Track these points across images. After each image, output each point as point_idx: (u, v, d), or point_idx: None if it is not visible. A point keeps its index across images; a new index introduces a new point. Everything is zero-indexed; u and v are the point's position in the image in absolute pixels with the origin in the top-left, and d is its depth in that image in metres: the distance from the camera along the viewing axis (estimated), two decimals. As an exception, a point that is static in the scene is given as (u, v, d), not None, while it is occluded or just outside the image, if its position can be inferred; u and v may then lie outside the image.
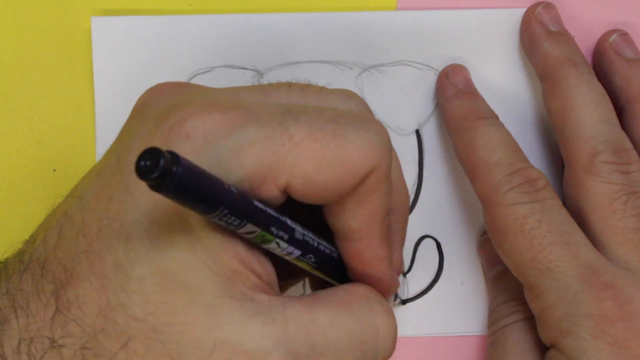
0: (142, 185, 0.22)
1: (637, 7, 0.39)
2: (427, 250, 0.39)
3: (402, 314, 0.39)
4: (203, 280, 0.25)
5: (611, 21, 0.39)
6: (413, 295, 0.40)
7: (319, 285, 0.32)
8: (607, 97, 0.36)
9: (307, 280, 0.35)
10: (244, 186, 0.26)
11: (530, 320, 0.36)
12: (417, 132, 0.39)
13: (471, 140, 0.36)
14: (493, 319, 0.38)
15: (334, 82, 0.38)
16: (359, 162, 0.26)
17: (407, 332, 0.40)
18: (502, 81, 0.39)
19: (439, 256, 0.40)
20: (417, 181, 0.39)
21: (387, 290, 0.30)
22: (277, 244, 0.27)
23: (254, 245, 0.27)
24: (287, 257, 0.28)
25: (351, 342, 0.27)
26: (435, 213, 0.39)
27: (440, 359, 0.40)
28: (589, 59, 0.39)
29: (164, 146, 0.25)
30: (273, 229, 0.26)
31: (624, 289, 0.32)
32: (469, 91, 0.38)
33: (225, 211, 0.24)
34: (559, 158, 0.37)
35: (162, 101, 0.28)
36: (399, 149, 0.38)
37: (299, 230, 0.28)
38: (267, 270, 0.27)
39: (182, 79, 0.37)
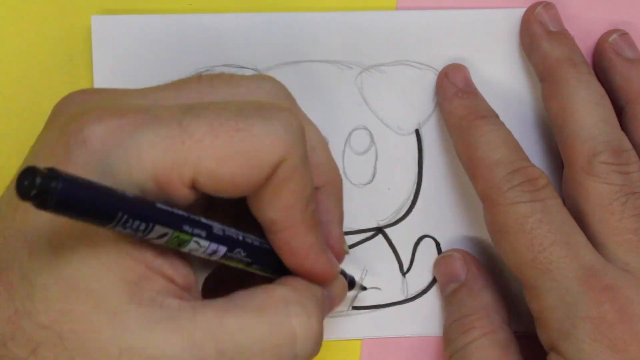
0: None
1: (637, 7, 0.39)
2: (427, 250, 0.39)
3: (402, 313, 0.39)
4: (107, 286, 0.25)
5: (611, 21, 0.39)
6: (413, 295, 0.40)
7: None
8: (606, 97, 0.36)
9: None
10: (149, 188, 0.25)
11: (489, 336, 0.35)
12: (417, 132, 0.39)
13: (471, 139, 0.36)
14: (448, 339, 0.37)
15: (334, 82, 0.38)
16: (265, 154, 0.26)
17: (407, 332, 0.40)
18: (502, 81, 0.39)
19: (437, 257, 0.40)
20: (417, 181, 0.39)
21: (324, 279, 0.30)
22: (197, 243, 0.26)
23: (165, 249, 0.26)
24: (215, 258, 0.28)
25: (264, 347, 0.27)
26: (435, 213, 0.39)
27: (440, 359, 0.40)
28: (588, 58, 0.39)
29: (63, 154, 0.26)
30: (186, 227, 0.26)
31: (623, 291, 0.32)
32: (469, 90, 0.38)
33: (125, 217, 0.24)
34: (559, 157, 0.37)
35: (70, 109, 0.28)
36: (399, 149, 0.38)
37: (217, 226, 0.27)
38: (182, 273, 0.27)
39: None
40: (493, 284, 0.38)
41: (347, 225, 0.39)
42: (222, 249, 0.27)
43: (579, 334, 0.32)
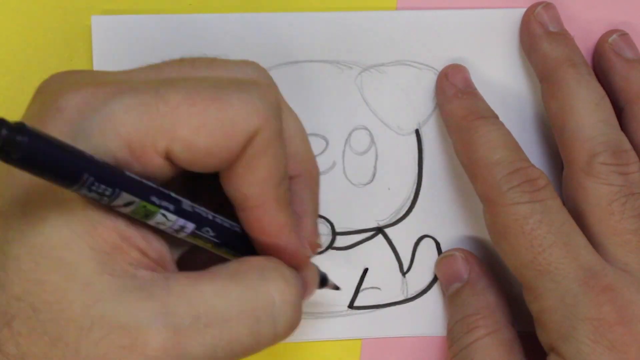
0: None
1: (637, 7, 0.39)
2: (427, 250, 0.39)
3: (402, 313, 0.39)
4: (80, 256, 0.25)
5: (611, 21, 0.39)
6: (413, 295, 0.40)
7: None
8: (606, 97, 0.36)
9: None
10: (123, 155, 0.25)
11: (493, 335, 0.35)
12: (417, 132, 0.39)
13: (471, 139, 0.35)
14: (452, 339, 0.37)
15: (334, 82, 0.38)
16: (241, 124, 0.26)
17: (407, 332, 0.40)
18: (502, 81, 0.39)
19: (438, 256, 0.40)
20: (416, 181, 0.39)
21: (295, 261, 0.30)
22: (164, 216, 0.26)
23: (138, 221, 0.26)
24: (182, 235, 0.27)
25: (240, 310, 0.27)
26: (435, 213, 0.39)
27: (440, 359, 0.40)
28: (588, 59, 0.39)
29: (38, 122, 0.26)
30: (154, 199, 0.26)
31: (622, 292, 0.32)
32: (469, 91, 0.37)
33: (91, 179, 0.23)
34: (559, 158, 0.37)
35: (51, 86, 0.28)
36: (399, 149, 0.38)
37: (186, 202, 0.27)
38: (154, 246, 0.27)
39: (182, 78, 0.37)
40: (496, 283, 0.38)
41: (347, 225, 0.39)
42: (190, 226, 0.27)
43: (579, 335, 0.32)
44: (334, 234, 0.39)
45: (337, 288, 0.37)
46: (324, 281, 0.36)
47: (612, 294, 0.32)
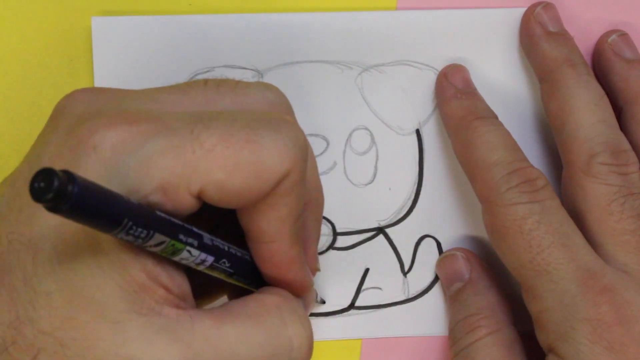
0: None
1: (637, 7, 0.39)
2: (428, 250, 0.39)
3: (402, 313, 0.39)
4: (109, 295, 0.25)
5: (611, 21, 0.39)
6: (414, 295, 0.40)
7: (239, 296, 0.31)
8: (605, 98, 0.36)
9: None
10: (157, 197, 0.25)
11: (494, 335, 0.35)
12: (417, 132, 0.39)
13: (470, 140, 0.35)
14: (454, 338, 0.37)
15: (334, 83, 0.38)
16: (273, 167, 0.26)
17: (408, 331, 0.40)
18: (502, 81, 0.39)
19: (439, 256, 0.40)
20: (417, 181, 0.39)
21: (301, 291, 0.30)
22: (189, 252, 0.26)
23: (163, 258, 0.26)
24: (201, 268, 0.28)
25: (262, 355, 0.27)
26: (435, 213, 0.39)
27: (441, 359, 0.40)
28: (588, 59, 0.39)
29: (71, 158, 0.25)
30: (181, 237, 0.26)
31: (621, 292, 0.32)
32: (468, 91, 0.37)
33: (130, 223, 0.24)
34: (558, 158, 0.37)
35: (76, 109, 0.27)
36: (400, 149, 0.38)
37: (206, 236, 0.27)
38: (177, 283, 0.27)
39: (182, 79, 0.37)
40: (497, 282, 0.38)
41: (348, 225, 0.39)
42: (210, 259, 0.27)
43: (577, 336, 0.32)
44: (335, 234, 0.39)
45: (323, 302, 0.38)
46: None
47: (611, 295, 0.32)
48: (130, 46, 0.37)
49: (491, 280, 0.38)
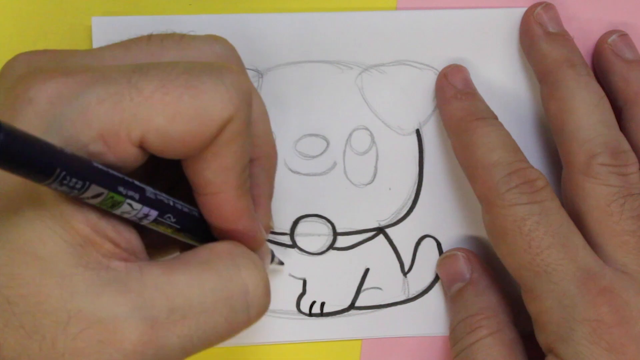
0: None
1: (637, 7, 0.39)
2: (428, 250, 0.39)
3: (402, 313, 0.39)
4: (54, 249, 0.25)
5: (611, 22, 0.39)
6: (414, 295, 0.40)
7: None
8: (605, 98, 0.36)
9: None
10: (96, 147, 0.25)
11: (495, 335, 0.35)
12: (418, 132, 0.39)
13: (469, 141, 0.35)
14: (455, 338, 0.37)
15: (335, 82, 0.38)
16: (215, 112, 0.26)
17: (408, 332, 0.40)
18: (502, 81, 0.39)
19: (439, 256, 0.40)
20: (417, 181, 0.39)
21: (252, 245, 0.30)
22: (130, 205, 0.26)
23: (108, 213, 0.26)
24: (145, 222, 0.27)
25: (216, 299, 0.27)
26: (435, 213, 0.39)
27: (440, 359, 0.40)
28: (588, 59, 0.39)
29: (9, 115, 0.25)
30: (121, 189, 0.26)
31: (620, 293, 0.32)
32: (467, 92, 0.37)
33: (64, 173, 0.23)
34: (558, 158, 0.37)
35: (18, 70, 0.27)
36: (399, 148, 0.38)
37: (149, 189, 0.27)
38: (126, 237, 0.27)
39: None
40: (498, 282, 0.38)
41: (348, 225, 0.39)
42: (154, 213, 0.27)
43: (577, 337, 0.32)
44: (335, 234, 0.39)
45: (281, 263, 0.38)
46: (271, 258, 0.36)
47: (610, 295, 0.32)
48: (131, 46, 0.37)
49: (492, 280, 0.38)
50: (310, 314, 0.39)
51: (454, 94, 0.37)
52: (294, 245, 0.39)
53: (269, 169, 0.32)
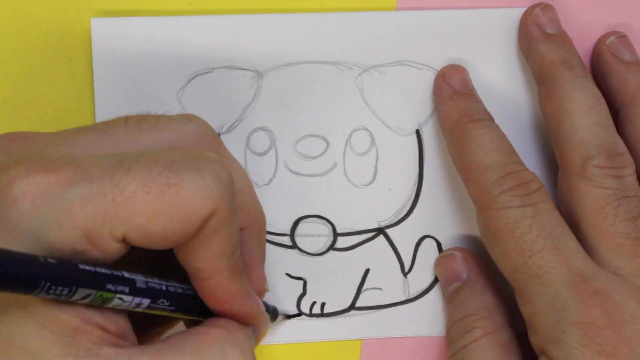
0: None
1: (635, 9, 0.39)
2: (428, 250, 0.39)
3: (403, 314, 0.39)
4: (43, 342, 0.25)
5: (609, 23, 0.39)
6: (414, 295, 0.40)
7: (193, 324, 0.31)
8: (602, 100, 0.36)
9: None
10: (81, 245, 0.25)
11: (490, 336, 0.35)
12: (417, 132, 0.39)
13: (464, 142, 0.35)
14: (450, 338, 0.37)
15: (334, 83, 0.38)
16: (196, 209, 0.26)
17: (408, 332, 0.40)
18: (501, 81, 0.39)
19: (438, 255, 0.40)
20: (417, 181, 0.39)
21: (249, 320, 0.30)
22: (121, 299, 0.26)
23: None
24: (140, 310, 0.28)
25: None
26: (435, 213, 0.39)
27: (440, 359, 0.40)
28: (586, 61, 0.39)
29: None
30: (109, 286, 0.26)
31: (613, 296, 0.32)
32: (465, 92, 0.37)
33: (49, 284, 0.24)
34: (555, 160, 0.37)
35: None
36: (399, 149, 0.39)
37: (140, 279, 0.27)
38: (114, 320, 0.27)
39: (182, 80, 0.37)
40: (495, 283, 0.38)
41: (348, 226, 0.39)
42: (146, 301, 0.27)
43: (569, 339, 0.32)
44: (335, 234, 0.39)
45: (287, 317, 0.38)
46: (275, 313, 0.37)
47: (602, 298, 0.32)
48: (130, 47, 0.37)
49: (489, 280, 0.38)
50: (311, 315, 0.39)
51: (451, 94, 0.37)
52: (294, 245, 0.39)
53: (259, 234, 0.33)
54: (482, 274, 0.38)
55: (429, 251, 0.39)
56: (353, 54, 0.38)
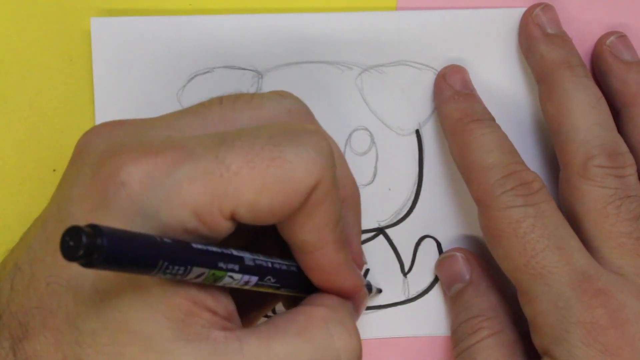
0: None
1: (635, 9, 0.39)
2: (428, 250, 0.39)
3: (403, 314, 0.39)
4: (155, 326, 0.25)
5: (610, 23, 0.39)
6: (414, 296, 0.40)
7: (292, 303, 0.32)
8: (603, 100, 0.36)
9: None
10: (192, 224, 0.26)
11: (496, 336, 0.36)
12: (418, 132, 0.39)
13: (466, 142, 0.35)
14: (456, 340, 0.37)
15: (334, 83, 0.38)
16: (302, 180, 0.26)
17: (408, 332, 0.40)
18: (501, 81, 0.39)
19: (439, 256, 0.40)
20: (417, 181, 0.39)
21: (352, 294, 0.30)
22: (231, 277, 0.27)
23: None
24: (247, 288, 0.28)
25: None
26: (435, 213, 0.39)
27: (441, 359, 0.40)
28: (587, 61, 0.39)
29: (100, 198, 0.26)
30: (221, 264, 0.26)
31: (615, 295, 0.32)
32: (465, 92, 0.37)
33: (166, 264, 0.24)
34: (556, 160, 0.37)
35: (98, 146, 0.28)
36: (400, 149, 0.38)
37: (247, 257, 0.27)
38: (223, 304, 0.27)
39: (182, 80, 0.37)
40: (498, 283, 0.38)
41: (348, 225, 0.39)
42: (254, 279, 0.28)
43: (572, 339, 0.32)
44: (335, 234, 0.39)
45: (380, 291, 0.39)
46: (369, 289, 0.37)
47: (605, 298, 0.32)
48: (130, 47, 0.37)
49: (492, 280, 0.38)
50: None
51: (452, 94, 0.37)
52: (294, 245, 0.39)
53: (355, 207, 0.33)
54: (485, 274, 0.38)
55: (428, 251, 0.39)
56: (353, 54, 0.38)
